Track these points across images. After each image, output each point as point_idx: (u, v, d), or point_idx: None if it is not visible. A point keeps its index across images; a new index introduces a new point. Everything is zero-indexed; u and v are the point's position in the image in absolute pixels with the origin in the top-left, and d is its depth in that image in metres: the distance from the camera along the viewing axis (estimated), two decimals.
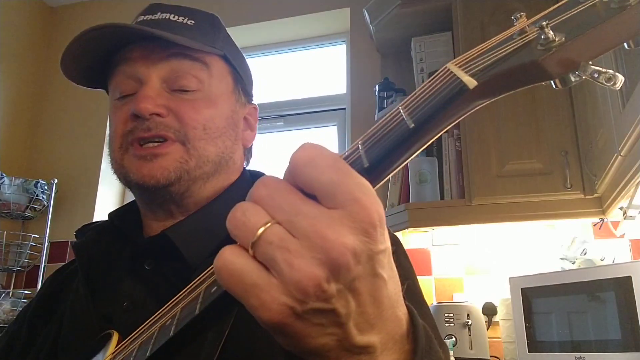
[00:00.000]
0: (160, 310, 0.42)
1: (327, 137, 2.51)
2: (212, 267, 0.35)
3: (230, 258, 0.30)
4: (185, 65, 0.65)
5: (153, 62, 0.64)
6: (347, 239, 0.28)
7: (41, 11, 2.89)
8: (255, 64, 2.74)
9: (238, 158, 0.73)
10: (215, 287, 0.34)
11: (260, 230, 0.29)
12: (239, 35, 2.60)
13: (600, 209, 1.59)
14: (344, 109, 2.44)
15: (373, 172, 0.32)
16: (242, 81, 0.74)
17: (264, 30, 2.61)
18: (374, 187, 0.32)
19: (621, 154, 1.21)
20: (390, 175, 0.33)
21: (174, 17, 0.68)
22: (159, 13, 0.68)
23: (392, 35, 2.14)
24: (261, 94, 2.62)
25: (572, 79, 0.31)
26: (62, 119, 2.71)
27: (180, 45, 0.64)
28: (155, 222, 0.68)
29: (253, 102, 0.78)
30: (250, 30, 2.60)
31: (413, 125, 0.31)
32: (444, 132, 0.33)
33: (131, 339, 0.47)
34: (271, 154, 2.55)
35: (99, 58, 0.67)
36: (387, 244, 0.31)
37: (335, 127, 2.47)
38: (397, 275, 0.33)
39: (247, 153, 0.78)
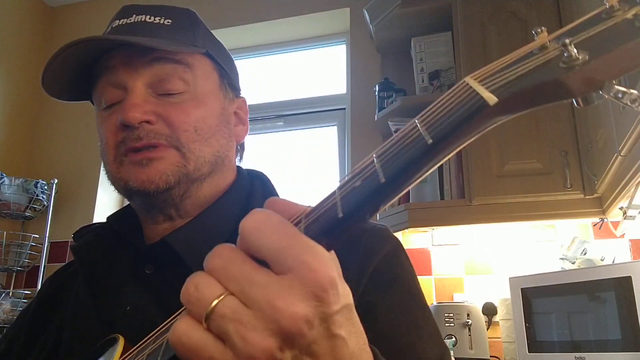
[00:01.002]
0: (169, 320, 0.42)
1: (327, 137, 2.51)
2: None
3: (185, 332, 0.30)
4: (168, 68, 0.63)
5: (135, 68, 0.62)
6: (297, 307, 0.29)
7: (41, 11, 2.89)
8: (255, 64, 2.74)
9: (233, 155, 0.71)
10: None
11: (214, 303, 0.30)
12: (239, 35, 2.60)
13: (600, 209, 1.59)
14: (344, 109, 2.44)
15: (389, 187, 0.31)
16: (227, 76, 0.72)
17: (264, 30, 2.61)
18: (389, 202, 0.32)
19: (621, 154, 1.21)
20: (405, 191, 0.33)
21: (149, 18, 0.66)
22: (134, 15, 0.66)
23: (392, 35, 2.14)
24: (261, 94, 2.62)
25: (595, 98, 0.30)
26: (62, 119, 2.71)
27: (160, 50, 0.62)
28: (155, 227, 0.67)
29: (241, 95, 0.75)
30: (250, 30, 2.60)
31: (431, 141, 0.30)
32: (462, 148, 0.32)
33: (138, 349, 0.46)
34: (271, 154, 2.56)
35: (78, 71, 0.65)
36: (345, 300, 0.31)
37: (335, 127, 2.47)
38: (361, 328, 0.34)
39: (240, 148, 0.76)
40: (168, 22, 0.66)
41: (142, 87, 0.62)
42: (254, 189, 0.71)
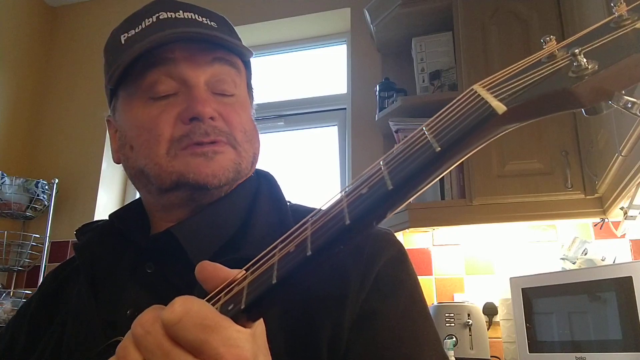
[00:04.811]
0: None
1: (327, 137, 2.51)
2: (230, 285, 0.37)
3: None
4: (225, 70, 0.66)
5: (199, 64, 0.63)
6: None
7: (41, 11, 2.89)
8: (256, 64, 2.74)
9: None
10: (232, 306, 0.35)
11: None
12: (239, 35, 2.60)
13: (601, 209, 1.59)
14: (345, 109, 2.44)
15: (397, 194, 0.31)
16: (250, 79, 0.76)
17: (265, 30, 2.61)
18: (396, 209, 0.32)
19: (622, 154, 1.21)
20: (412, 199, 0.33)
21: (199, 17, 0.67)
22: (181, 11, 0.66)
23: (392, 35, 2.14)
24: (262, 94, 2.62)
25: (604, 107, 0.30)
26: (62, 119, 2.71)
27: (221, 50, 0.65)
28: (165, 223, 0.66)
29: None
30: (250, 30, 2.60)
31: (439, 149, 0.30)
32: (469, 156, 0.32)
33: None
34: (272, 154, 2.56)
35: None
36: None
37: (336, 127, 2.47)
38: None
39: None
40: (214, 24, 0.68)
41: (203, 84, 0.64)
42: (260, 189, 0.71)
